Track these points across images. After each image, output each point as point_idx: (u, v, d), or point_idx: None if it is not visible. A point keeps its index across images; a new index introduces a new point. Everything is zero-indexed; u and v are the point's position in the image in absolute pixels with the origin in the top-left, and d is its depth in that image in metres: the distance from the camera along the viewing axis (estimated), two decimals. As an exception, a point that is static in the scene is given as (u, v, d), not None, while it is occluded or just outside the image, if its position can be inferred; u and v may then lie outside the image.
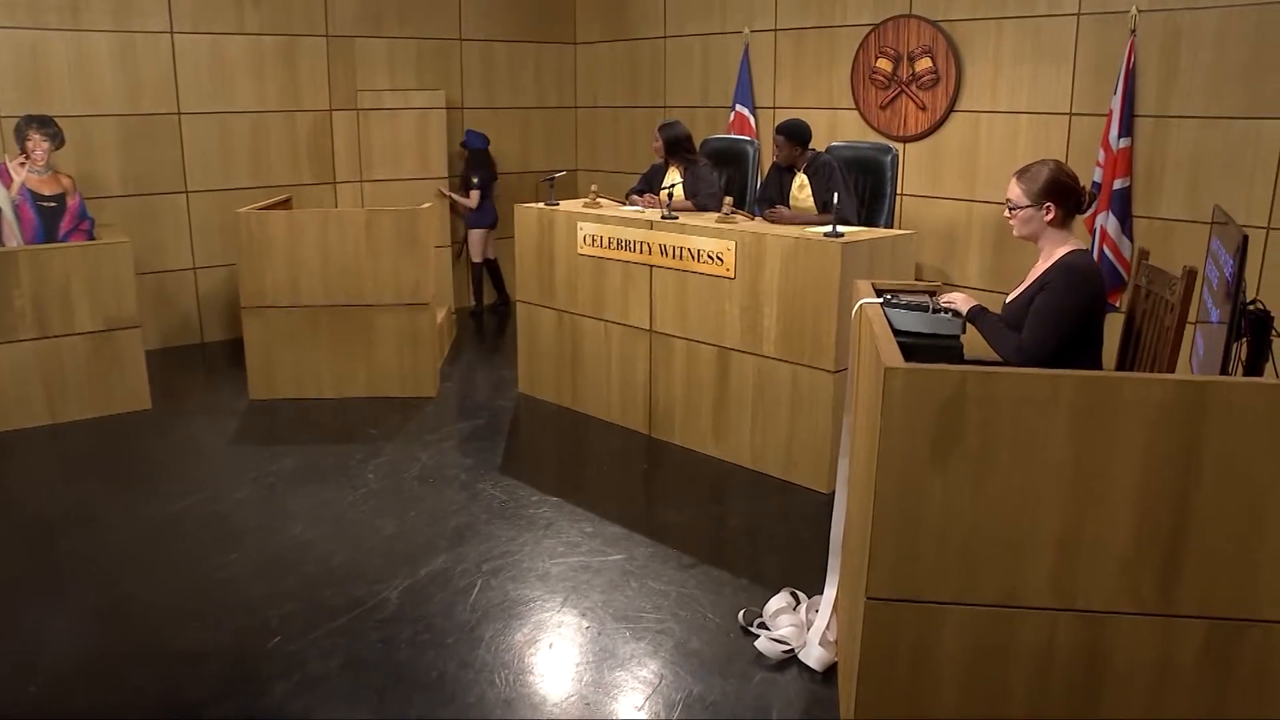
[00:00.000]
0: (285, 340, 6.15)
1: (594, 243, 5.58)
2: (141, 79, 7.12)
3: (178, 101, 7.28)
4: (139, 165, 7.21)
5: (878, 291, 3.35)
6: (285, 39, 7.63)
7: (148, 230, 7.30)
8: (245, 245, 6.05)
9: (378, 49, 8.03)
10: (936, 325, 3.00)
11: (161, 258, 7.42)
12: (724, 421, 5.18)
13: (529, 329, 6.19)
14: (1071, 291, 2.95)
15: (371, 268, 6.07)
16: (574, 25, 8.94)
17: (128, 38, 7.02)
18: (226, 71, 7.43)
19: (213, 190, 7.51)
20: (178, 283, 7.52)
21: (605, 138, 8.92)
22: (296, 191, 7.87)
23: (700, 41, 7.83)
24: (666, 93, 8.19)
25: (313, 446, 5.50)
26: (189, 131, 7.36)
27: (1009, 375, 2.38)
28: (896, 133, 6.67)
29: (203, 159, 7.45)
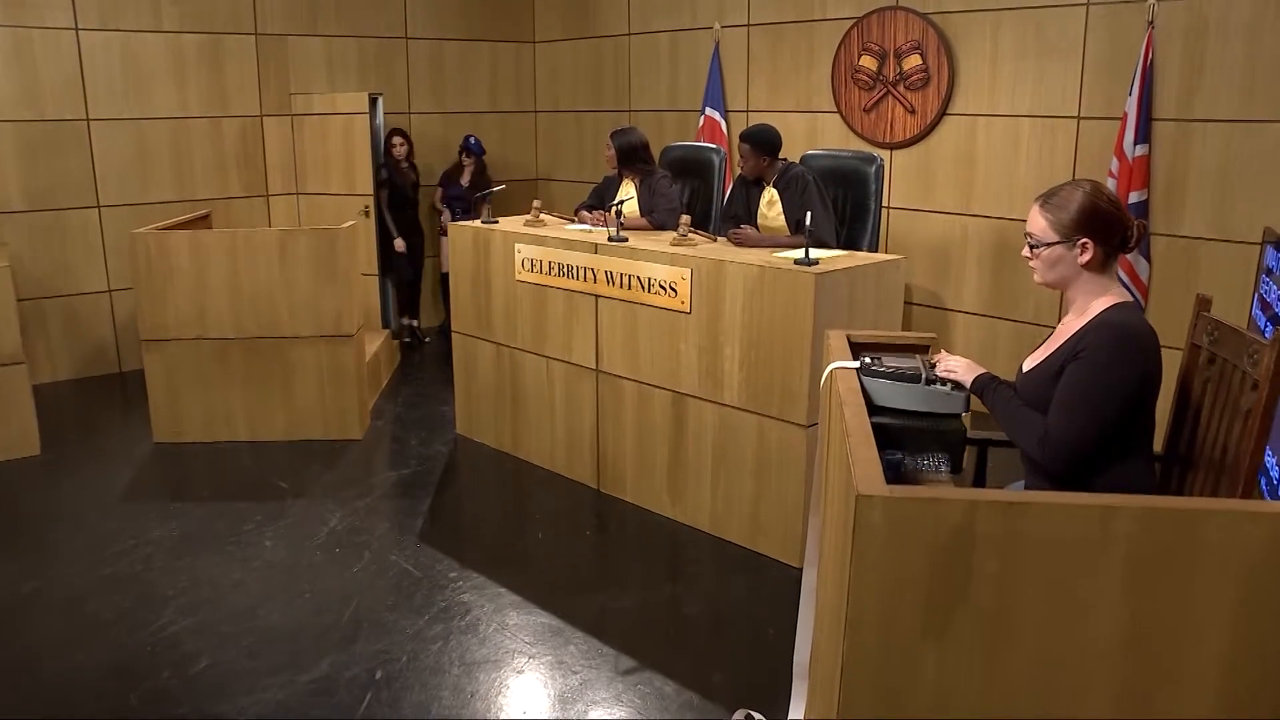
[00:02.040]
0: (192, 377, 5.46)
1: (533, 267, 4.84)
2: (42, 81, 6.40)
3: (86, 106, 6.57)
4: (42, 177, 6.50)
5: (854, 348, 2.56)
6: (209, 37, 6.91)
7: (55, 250, 6.61)
8: (143, 270, 5.35)
9: (313, 49, 7.34)
10: (931, 401, 2.20)
11: (72, 280, 6.70)
12: (681, 478, 4.42)
13: (466, 363, 5.48)
14: (1117, 363, 2.10)
15: (287, 295, 5.37)
16: (532, 22, 8.26)
17: (24, 34, 6.29)
18: (142, 73, 6.72)
19: (129, 205, 6.79)
20: (91, 307, 6.80)
21: (567, 144, 8.24)
22: (226, 205, 7.12)
23: (668, 39, 7.18)
24: (632, 95, 7.53)
25: (210, 504, 4.74)
26: (100, 140, 6.65)
27: (1039, 506, 1.58)
28: (882, 138, 5.94)
29: (117, 170, 6.74)
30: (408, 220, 7.31)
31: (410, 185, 7.29)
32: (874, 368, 2.25)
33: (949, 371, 2.30)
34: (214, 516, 4.60)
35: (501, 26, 8.07)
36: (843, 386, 2.19)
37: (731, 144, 6.55)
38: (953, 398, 2.21)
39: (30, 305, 6.52)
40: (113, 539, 4.38)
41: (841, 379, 2.26)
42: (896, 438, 2.17)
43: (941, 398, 2.20)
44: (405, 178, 7.24)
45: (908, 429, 2.17)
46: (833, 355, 2.47)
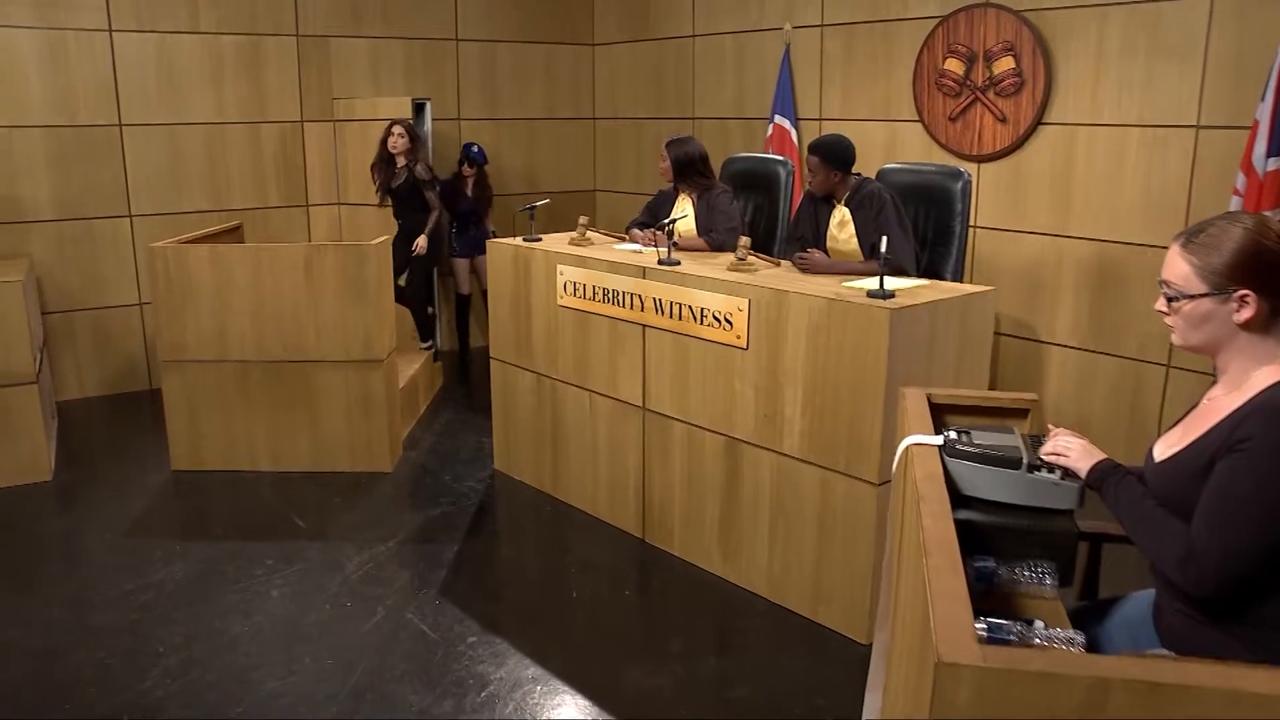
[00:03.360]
0: (212, 401, 5.22)
1: (576, 291, 4.48)
2: (75, 85, 6.23)
3: (119, 111, 6.39)
4: (73, 185, 6.33)
5: (935, 409, 2.11)
6: (247, 39, 6.69)
7: (84, 261, 6.44)
8: (162, 286, 5.12)
9: (358, 51, 7.09)
10: (1035, 493, 1.76)
11: (101, 292, 6.52)
12: (734, 534, 4.00)
13: (504, 393, 5.15)
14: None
15: (313, 316, 5.10)
16: (591, 23, 7.95)
17: (57, 36, 6.13)
18: (177, 76, 6.52)
19: (162, 214, 6.59)
20: (121, 321, 6.62)
21: (626, 154, 7.91)
22: (263, 216, 6.91)
23: (734, 40, 6.81)
24: (695, 102, 7.19)
25: (221, 544, 4.46)
26: (133, 146, 6.47)
27: (1205, 692, 1.13)
28: (969, 150, 5.47)
29: (149, 178, 6.54)
30: (402, 231, 6.45)
31: (407, 188, 6.39)
32: (961, 446, 1.81)
33: (1059, 455, 1.83)
34: (223, 558, 4.31)
35: (558, 27, 7.78)
36: (921, 472, 1.75)
37: (802, 156, 6.15)
38: (1063, 490, 1.76)
39: (59, 318, 6.37)
40: (110, 580, 4.11)
41: (919, 459, 1.82)
42: (989, 539, 1.73)
43: (1049, 489, 1.75)
44: (395, 178, 6.39)
45: (1003, 528, 1.72)
46: (909, 424, 2.03)
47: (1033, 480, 1.77)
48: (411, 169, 6.37)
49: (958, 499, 1.80)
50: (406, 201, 6.46)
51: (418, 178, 6.38)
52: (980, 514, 1.77)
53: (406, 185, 6.42)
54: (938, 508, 1.60)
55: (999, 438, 1.89)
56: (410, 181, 6.40)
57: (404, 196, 6.45)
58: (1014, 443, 1.87)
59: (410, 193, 6.43)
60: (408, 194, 6.44)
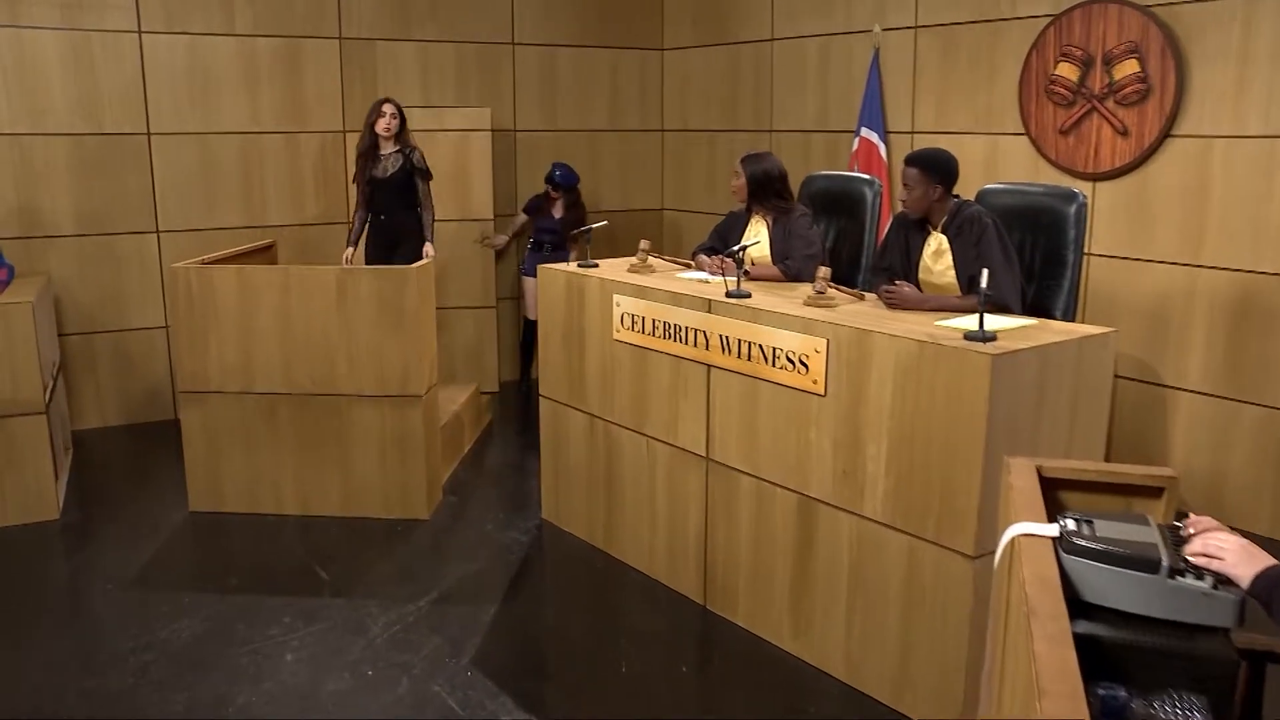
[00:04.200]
0: (235, 437, 5.18)
1: (634, 325, 4.35)
2: (101, 90, 6.28)
3: (147, 118, 6.42)
4: (97, 197, 6.36)
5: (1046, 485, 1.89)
6: (286, 41, 6.70)
7: (107, 279, 6.48)
8: (183, 310, 5.10)
9: (406, 55, 7.07)
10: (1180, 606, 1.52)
11: (125, 313, 6.55)
12: (806, 604, 3.82)
13: (554, 435, 5.04)
14: None
15: (346, 345, 5.03)
16: (660, 25, 7.87)
17: (82, 37, 6.18)
18: (210, 81, 6.54)
19: (191, 230, 6.60)
20: (145, 345, 6.63)
21: (697, 170, 7.80)
22: (300, 233, 6.89)
23: (817, 45, 6.69)
24: (774, 113, 7.08)
25: (236, 597, 4.37)
26: (161, 156, 6.49)
27: None
28: (1083, 167, 5.26)
29: (178, 190, 6.56)
30: (385, 232, 6.03)
31: (399, 178, 5.94)
32: (1083, 541, 1.58)
33: (1211, 556, 1.59)
34: (237, 613, 4.21)
35: (624, 30, 7.71)
36: (1031, 573, 1.53)
37: (892, 174, 5.98)
38: (1217, 603, 1.52)
39: (77, 341, 6.40)
40: (110, 637, 4.03)
41: (1029, 555, 1.59)
42: (1119, 661, 1.49)
43: (1198, 601, 1.51)
44: (381, 165, 5.96)
45: (1138, 649, 1.49)
46: (1015, 505, 1.81)
47: (1177, 589, 1.53)
48: (408, 155, 5.94)
49: (1077, 605, 1.57)
50: (394, 195, 5.96)
51: (415, 166, 5.94)
52: (1108, 629, 1.53)
53: (399, 174, 5.94)
54: (1053, 628, 1.38)
55: (1131, 529, 1.66)
56: (406, 170, 5.93)
57: (392, 189, 5.95)
58: (1150, 537, 1.63)
59: (401, 185, 5.95)
60: (398, 186, 5.95)
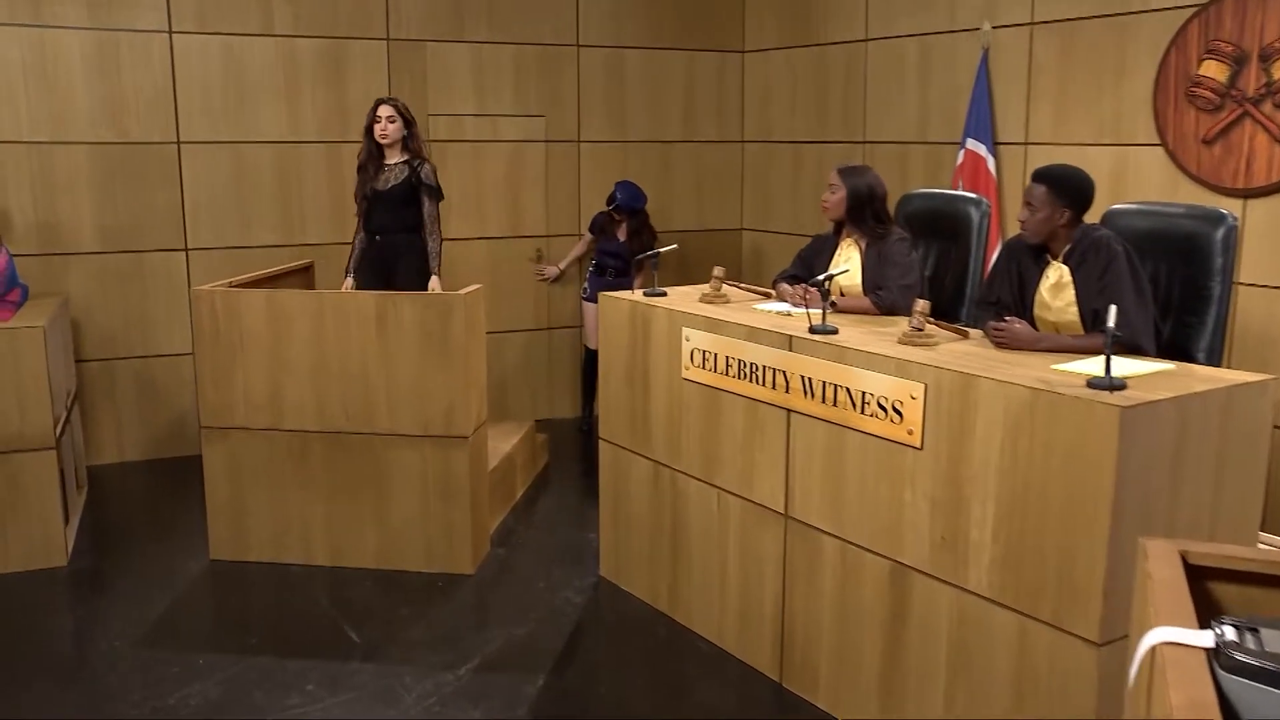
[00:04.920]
0: (261, 478, 5.20)
1: (706, 362, 4.31)
2: (127, 94, 6.40)
3: (177, 125, 6.53)
4: (121, 211, 6.49)
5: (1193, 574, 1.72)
6: (329, 43, 6.78)
7: (131, 300, 6.60)
8: (208, 338, 5.13)
9: (459, 58, 7.12)
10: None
11: (149, 338, 6.66)
12: (899, 688, 3.69)
13: (615, 483, 5.00)
14: None
15: (385, 380, 5.04)
16: (741, 24, 7.86)
17: (109, 38, 6.31)
18: (246, 86, 6.64)
19: (222, 248, 6.70)
20: (171, 373, 6.72)
21: (780, 185, 7.75)
22: (341, 253, 6.84)
23: (918, 45, 6.61)
24: (868, 122, 7.01)
25: (255, 658, 4.33)
26: (192, 166, 6.60)
27: None
28: (1232, 183, 5.08)
29: (210, 204, 6.67)
30: (380, 254, 5.70)
31: (402, 192, 5.59)
32: (1245, 658, 1.41)
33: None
34: (256, 678, 4.18)
35: (700, 30, 7.71)
36: (1181, 698, 1.37)
37: (1002, 191, 5.88)
38: None
39: (97, 368, 6.49)
40: (114, 702, 4.01)
41: (1176, 672, 1.43)
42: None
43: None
44: (380, 178, 5.62)
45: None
46: (1156, 601, 1.64)
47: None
48: (415, 168, 5.59)
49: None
50: (392, 211, 5.62)
51: (422, 181, 5.60)
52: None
53: (401, 188, 5.59)
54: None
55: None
56: (410, 184, 5.59)
57: (390, 204, 5.61)
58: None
59: (402, 200, 5.60)
60: (398, 201, 5.60)
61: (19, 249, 6.08)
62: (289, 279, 5.88)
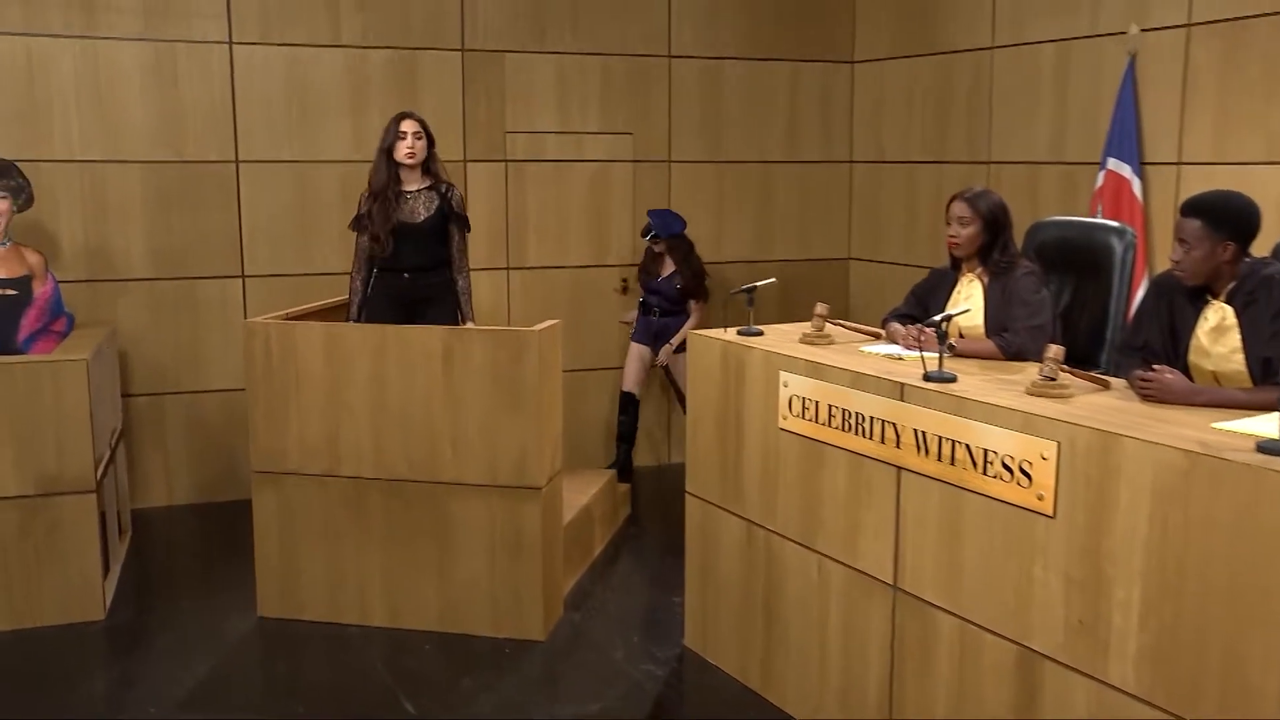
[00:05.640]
0: (315, 529, 5.26)
1: (806, 411, 4.27)
2: (184, 110, 6.57)
3: (236, 143, 6.68)
4: (175, 235, 6.65)
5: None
6: (400, 54, 6.91)
7: (183, 331, 6.76)
8: (260, 375, 5.21)
9: (540, 70, 7.23)
10: None
11: (202, 371, 6.80)
12: None
13: (702, 543, 4.95)
14: None
15: (451, 423, 5.08)
16: (851, 33, 7.89)
17: (165, 50, 6.48)
18: (310, 101, 6.78)
19: (282, 275, 6.84)
20: (224, 409, 6.80)
21: (893, 211, 7.73)
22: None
23: (1054, 52, 6.55)
24: (993, 140, 6.95)
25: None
26: (251, 187, 6.73)
27: None
28: None
29: (269, 228, 6.81)
30: (407, 294, 5.41)
31: (432, 223, 5.33)
32: None
33: None
34: (299, 758, 4.14)
35: (806, 39, 7.76)
36: None
37: (1150, 218, 5.78)
38: None
39: (145, 403, 6.61)
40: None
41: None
42: None
43: None
44: (406, 208, 5.32)
45: None
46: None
47: None
48: (444, 194, 5.36)
49: None
50: (426, 247, 5.37)
51: (454, 210, 5.38)
52: None
53: (435, 220, 5.34)
54: None
55: None
56: (442, 214, 5.36)
57: (424, 239, 5.35)
58: None
59: (437, 234, 5.37)
60: (433, 235, 5.37)
61: (66, 275, 6.22)
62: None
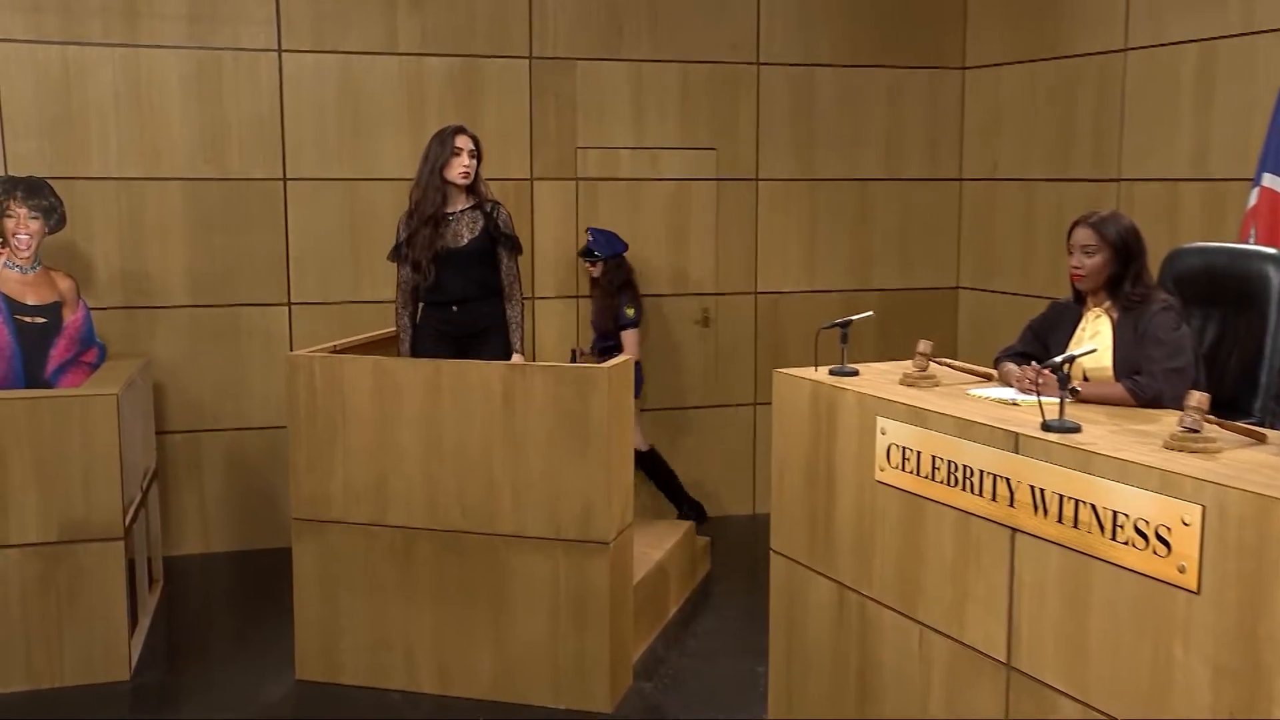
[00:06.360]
0: (359, 583, 5.28)
1: (906, 462, 4.14)
2: (229, 123, 6.69)
3: (284, 159, 6.77)
4: (217, 259, 6.76)
5: None
6: (461, 62, 6.99)
7: (224, 363, 6.85)
8: (303, 413, 5.24)
9: (614, 79, 7.28)
10: None
11: (243, 407, 6.90)
12: None
13: (788, 606, 4.83)
14: None
15: (510, 469, 5.08)
16: (961, 34, 7.84)
17: (210, 58, 6.61)
18: (364, 113, 6.88)
19: (331, 303, 6.92)
20: (266, 449, 6.87)
21: (1009, 235, 7.64)
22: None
23: (1197, 53, 6.43)
24: (1124, 154, 6.82)
25: None
26: (299, 207, 6.83)
27: None
28: None
29: (319, 252, 6.90)
30: (457, 329, 5.50)
31: (478, 246, 5.37)
32: None
33: None
34: None
35: (910, 43, 7.75)
36: None
37: None
38: None
39: (181, 441, 6.68)
40: None
41: None
42: None
43: None
44: (443, 227, 5.36)
45: None
46: None
47: None
48: (490, 214, 5.38)
49: None
50: (473, 273, 5.41)
51: (502, 231, 5.42)
52: None
53: (481, 242, 5.37)
54: None
55: None
56: (489, 236, 5.38)
57: (470, 264, 5.39)
58: None
59: (484, 258, 5.40)
60: (479, 260, 5.40)
61: (100, 301, 6.33)
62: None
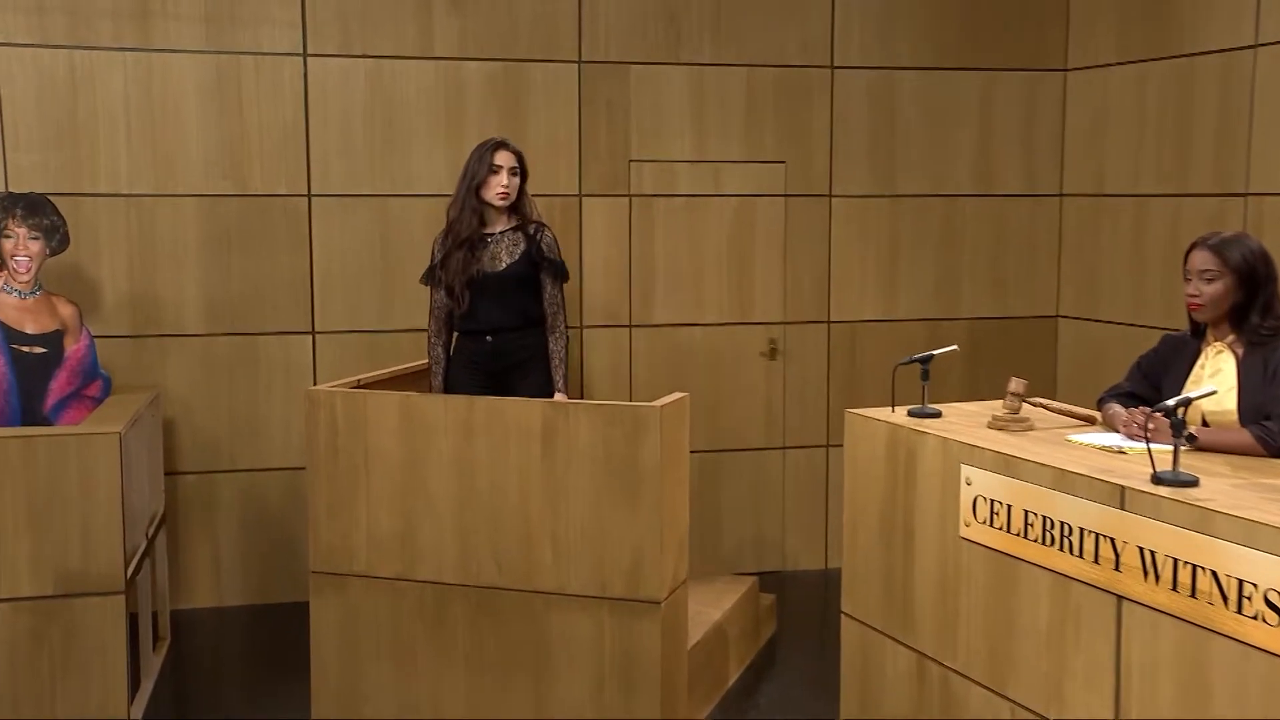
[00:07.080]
0: (383, 643, 5.31)
1: (995, 517, 4.06)
2: (249, 135, 6.73)
3: (309, 173, 6.79)
4: (234, 283, 6.78)
5: None
6: (504, 67, 7.02)
7: (242, 397, 6.84)
8: (323, 454, 5.29)
9: (672, 85, 7.29)
10: None
11: (261, 446, 6.92)
12: None
13: (861, 675, 4.80)
14: None
15: (551, 519, 5.09)
16: (1064, 33, 7.78)
17: (230, 63, 6.66)
18: (397, 123, 6.92)
19: (360, 332, 6.94)
20: (286, 492, 6.89)
21: (1117, 258, 7.54)
22: (516, 339, 6.99)
23: None
24: (1250, 164, 6.70)
25: None
26: (325, 226, 6.86)
27: None
28: None
29: (346, 275, 6.92)
30: (493, 361, 5.49)
31: (520, 270, 5.40)
32: None
33: None
34: None
35: (1003, 42, 7.74)
36: None
37: None
38: None
39: (193, 483, 6.70)
40: None
41: None
42: None
43: None
44: (480, 250, 5.41)
45: None
46: None
47: None
48: (533, 236, 5.41)
49: None
50: (512, 300, 5.44)
51: (545, 256, 5.44)
52: None
53: (521, 267, 5.40)
54: None
55: None
56: (530, 260, 5.41)
57: (508, 289, 5.42)
58: None
59: (521, 281, 5.43)
60: (519, 285, 5.43)
61: (106, 329, 6.35)
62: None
